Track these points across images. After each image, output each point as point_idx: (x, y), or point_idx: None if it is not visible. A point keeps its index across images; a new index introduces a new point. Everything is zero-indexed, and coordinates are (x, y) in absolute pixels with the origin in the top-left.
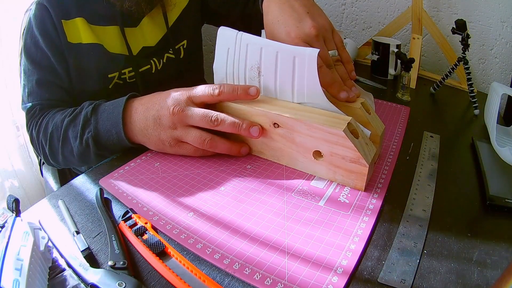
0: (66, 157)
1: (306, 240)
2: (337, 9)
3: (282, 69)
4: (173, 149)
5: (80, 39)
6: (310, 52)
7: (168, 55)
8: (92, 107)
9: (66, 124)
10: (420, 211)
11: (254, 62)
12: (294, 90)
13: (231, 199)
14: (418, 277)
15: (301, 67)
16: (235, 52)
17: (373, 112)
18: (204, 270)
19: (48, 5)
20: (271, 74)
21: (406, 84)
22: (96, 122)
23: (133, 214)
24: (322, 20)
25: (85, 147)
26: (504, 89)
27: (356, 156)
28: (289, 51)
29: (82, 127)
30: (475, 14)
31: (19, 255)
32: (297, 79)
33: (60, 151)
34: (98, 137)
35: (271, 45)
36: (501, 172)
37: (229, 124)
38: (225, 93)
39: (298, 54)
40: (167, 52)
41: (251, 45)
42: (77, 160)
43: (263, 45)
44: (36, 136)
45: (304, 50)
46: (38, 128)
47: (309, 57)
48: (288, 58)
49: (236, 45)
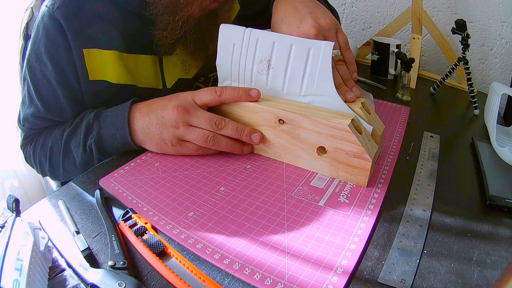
0: (67, 170)
1: (306, 240)
2: (337, 9)
3: (294, 60)
4: (174, 148)
5: (106, 76)
6: (326, 44)
7: (198, 83)
8: (94, 114)
9: (67, 136)
10: (420, 211)
11: (264, 56)
12: (304, 80)
13: (231, 199)
14: (418, 277)
15: (315, 57)
16: (242, 47)
17: (373, 112)
18: (204, 270)
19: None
20: (282, 66)
21: (406, 84)
22: (99, 128)
23: (133, 214)
24: (325, 20)
25: (89, 154)
26: (504, 89)
27: (360, 150)
28: (304, 43)
29: (84, 134)
30: (475, 14)
31: (19, 255)
32: (309, 69)
33: (62, 164)
34: (101, 142)
35: (286, 38)
36: (501, 172)
37: (231, 129)
38: (227, 94)
39: (314, 46)
40: (198, 80)
41: (262, 39)
42: (79, 170)
43: (276, 39)
44: (33, 154)
45: (320, 42)
46: (34, 145)
47: (324, 48)
48: (303, 49)
49: (244, 40)
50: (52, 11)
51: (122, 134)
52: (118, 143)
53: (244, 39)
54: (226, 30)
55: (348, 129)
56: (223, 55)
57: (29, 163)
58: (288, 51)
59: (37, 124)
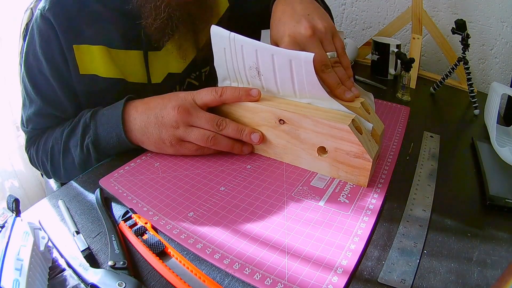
0: (67, 170)
1: (306, 240)
2: (337, 9)
3: (280, 70)
4: (173, 148)
5: (96, 70)
6: (305, 56)
7: (189, 80)
8: (91, 113)
9: (66, 136)
10: (420, 211)
11: (251, 63)
12: (296, 90)
13: (231, 199)
14: (418, 277)
15: (298, 70)
16: (231, 52)
17: (372, 112)
18: (204, 270)
19: (55, 23)
20: (271, 75)
21: (406, 84)
22: (95, 127)
23: (133, 214)
24: (322, 23)
25: (86, 154)
26: (504, 89)
27: (360, 150)
28: (284, 55)
29: (81, 134)
30: (475, 14)
31: (19, 255)
32: (296, 81)
33: (62, 164)
34: (97, 141)
35: (266, 48)
36: (501, 172)
37: (232, 129)
38: (228, 95)
39: (294, 58)
40: (189, 77)
41: (245, 46)
42: (79, 170)
43: (258, 47)
44: (36, 155)
45: (299, 54)
46: (37, 147)
47: (304, 60)
48: (284, 61)
49: (231, 45)
50: (44, 13)
51: (117, 132)
52: (114, 141)
53: (231, 44)
54: (216, 33)
55: (349, 129)
56: (218, 57)
57: (33, 165)
58: (271, 61)
59: (40, 122)
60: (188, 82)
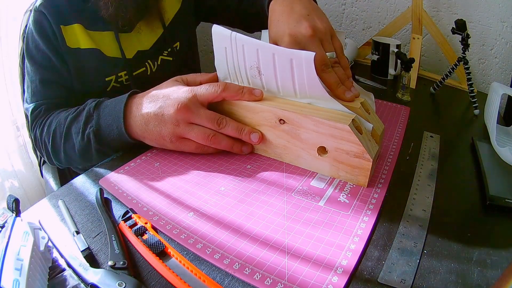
0: (68, 155)
1: (306, 240)
2: (337, 9)
3: (280, 70)
4: (173, 145)
5: (79, 44)
6: (306, 55)
7: (162, 57)
8: (95, 103)
9: (69, 121)
10: (420, 211)
11: (252, 62)
12: (296, 89)
13: (231, 199)
14: (418, 277)
15: (299, 69)
16: (232, 52)
17: (372, 112)
18: (204, 270)
19: (45, 12)
20: (271, 74)
21: (406, 84)
22: (98, 118)
23: (133, 214)
24: (321, 23)
25: (87, 143)
26: (504, 89)
27: (361, 150)
28: (285, 54)
29: (84, 122)
30: (475, 14)
31: (19, 255)
32: (297, 80)
33: (62, 148)
34: (99, 132)
35: (267, 47)
36: (501, 172)
37: (232, 128)
38: (230, 91)
39: (295, 57)
40: (162, 54)
41: (247, 45)
42: (79, 157)
43: (259, 47)
44: (40, 136)
45: (300, 53)
46: (42, 128)
47: (305, 59)
48: (285, 60)
49: (232, 45)
50: (37, 8)
51: (118, 124)
52: (114, 134)
53: (232, 44)
54: (217, 32)
55: (349, 129)
56: (219, 57)
57: (37, 146)
58: (272, 60)
59: (45, 93)
60: (162, 59)
